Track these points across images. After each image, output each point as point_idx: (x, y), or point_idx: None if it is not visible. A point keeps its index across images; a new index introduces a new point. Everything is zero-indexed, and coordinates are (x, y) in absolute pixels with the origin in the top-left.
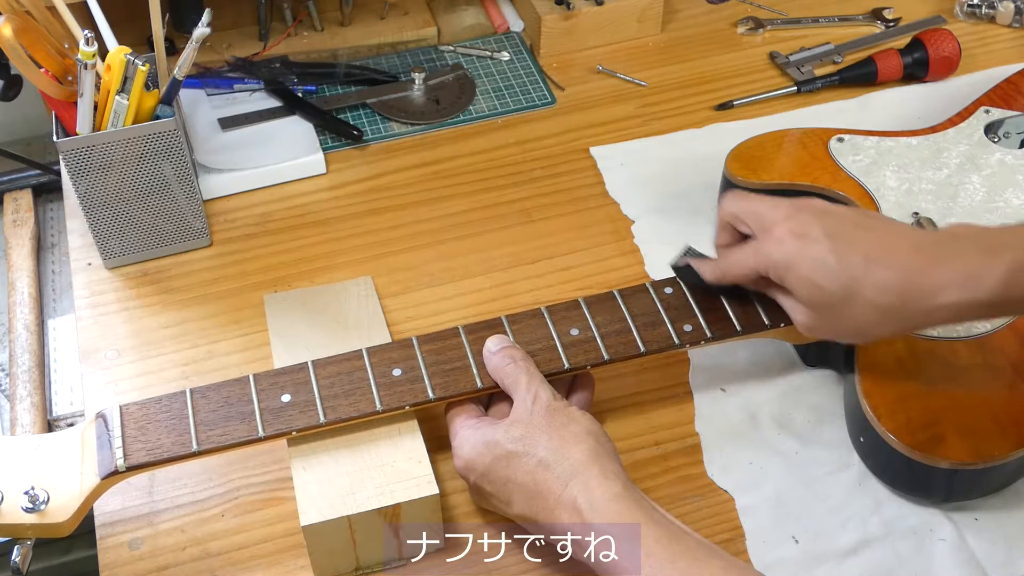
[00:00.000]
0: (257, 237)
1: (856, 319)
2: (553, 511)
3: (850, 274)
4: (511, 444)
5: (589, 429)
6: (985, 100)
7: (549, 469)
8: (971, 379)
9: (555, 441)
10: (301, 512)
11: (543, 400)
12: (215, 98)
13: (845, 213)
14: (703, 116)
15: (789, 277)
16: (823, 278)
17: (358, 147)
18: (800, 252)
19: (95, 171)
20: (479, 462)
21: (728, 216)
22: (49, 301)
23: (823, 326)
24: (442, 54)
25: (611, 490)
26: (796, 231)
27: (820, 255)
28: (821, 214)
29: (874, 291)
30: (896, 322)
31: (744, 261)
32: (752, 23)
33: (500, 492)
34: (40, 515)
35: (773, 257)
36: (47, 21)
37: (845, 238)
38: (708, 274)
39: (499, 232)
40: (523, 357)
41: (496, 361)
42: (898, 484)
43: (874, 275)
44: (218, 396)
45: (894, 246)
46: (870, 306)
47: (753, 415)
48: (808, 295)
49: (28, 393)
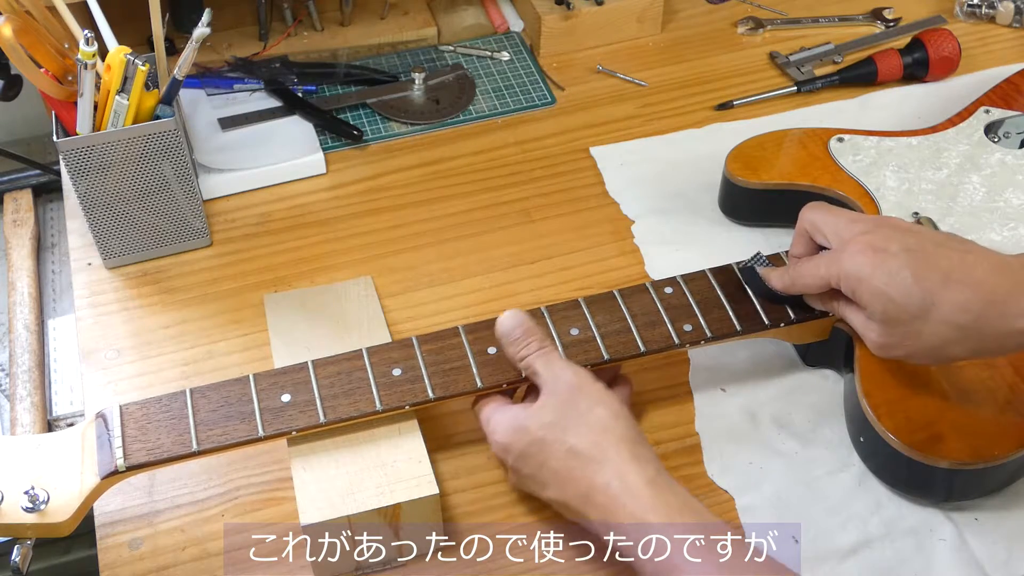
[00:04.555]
0: (257, 237)
1: (931, 337)
2: (587, 497)
3: (927, 290)
4: (541, 431)
5: (616, 412)
6: (985, 100)
7: (579, 455)
8: (971, 379)
9: (583, 427)
10: (301, 512)
11: (567, 381)
12: (215, 98)
13: (925, 232)
14: (703, 116)
15: (862, 290)
16: (898, 292)
17: (358, 147)
18: (876, 265)
19: (95, 171)
20: (514, 446)
21: (807, 225)
22: (49, 301)
23: (895, 343)
24: (442, 54)
25: (645, 475)
26: (874, 244)
27: (896, 269)
28: (902, 230)
29: (951, 309)
30: (972, 342)
31: (816, 270)
32: (752, 23)
33: (536, 475)
34: (40, 515)
35: (847, 268)
36: (47, 21)
37: (924, 254)
38: (776, 281)
39: (499, 232)
40: (541, 339)
41: (512, 352)
42: (898, 484)
43: (952, 293)
44: (218, 396)
45: (973, 265)
46: (947, 324)
47: (753, 415)
48: (882, 310)
49: (28, 393)
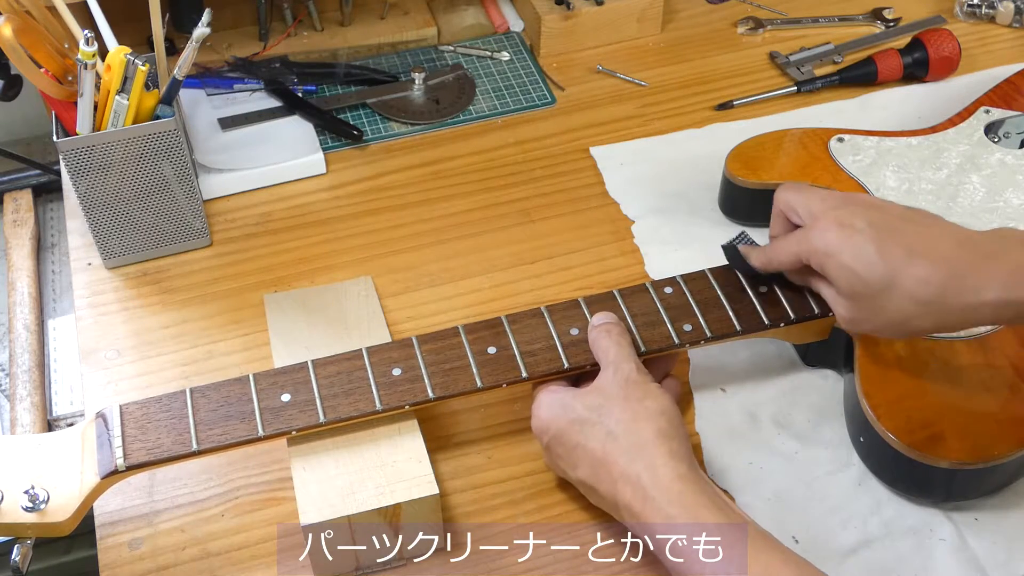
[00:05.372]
0: (257, 237)
1: (895, 312)
2: (616, 483)
3: (890, 264)
4: (585, 411)
5: (663, 409)
6: (985, 100)
7: (616, 440)
8: (971, 379)
9: (627, 414)
10: (301, 512)
11: (624, 373)
12: (215, 98)
13: (892, 207)
14: (703, 116)
15: (830, 265)
16: (863, 267)
17: (358, 147)
18: (842, 241)
19: (95, 171)
20: (554, 424)
21: (782, 205)
22: (49, 301)
23: (863, 318)
24: (442, 54)
25: (676, 470)
26: (841, 220)
27: (861, 244)
28: (868, 206)
29: (914, 283)
30: (935, 316)
31: (788, 247)
32: (752, 23)
33: (568, 455)
34: (40, 514)
35: (815, 244)
36: (47, 21)
37: (889, 229)
38: (755, 260)
39: (499, 232)
40: (620, 332)
41: (592, 335)
42: (898, 484)
43: (915, 267)
44: (218, 396)
45: (937, 240)
46: (910, 298)
47: (753, 415)
48: (848, 284)
49: (28, 393)
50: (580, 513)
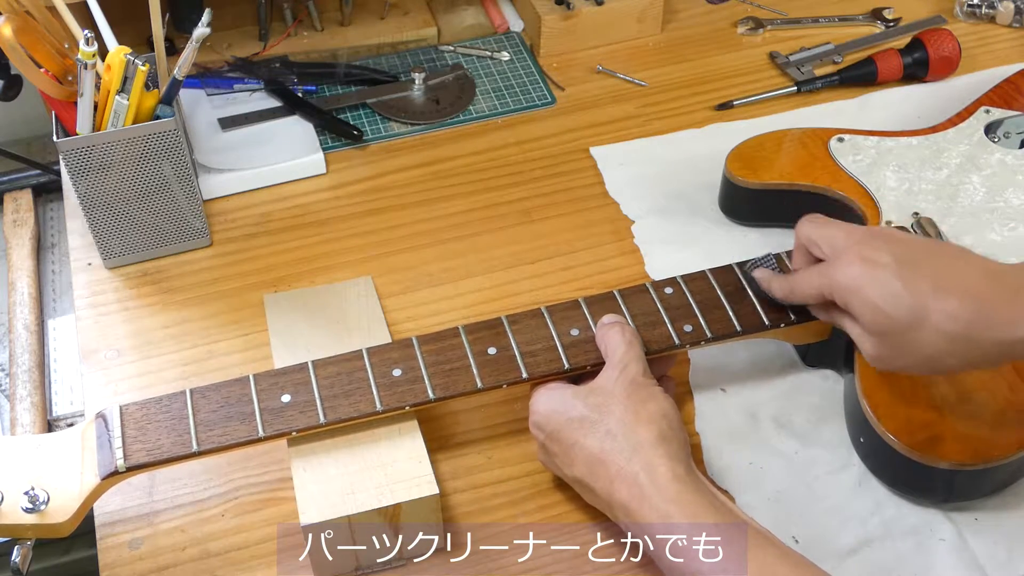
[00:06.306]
0: (257, 237)
1: (924, 348)
2: (612, 481)
3: (917, 299)
4: (586, 409)
5: (665, 411)
6: (985, 100)
7: (615, 440)
8: (971, 379)
9: (629, 415)
10: (301, 512)
11: (631, 374)
12: (215, 98)
13: (917, 241)
14: (703, 116)
15: (854, 301)
16: (888, 303)
17: (358, 147)
18: (866, 276)
19: (95, 171)
20: (552, 421)
21: (803, 239)
22: (49, 301)
23: (890, 356)
24: (442, 54)
25: (674, 471)
26: (864, 255)
27: (886, 279)
28: (892, 240)
29: (942, 318)
30: (965, 352)
31: (811, 281)
32: (752, 23)
33: (565, 453)
34: (40, 515)
35: (838, 280)
36: (47, 21)
37: (914, 263)
38: (777, 291)
39: (499, 232)
40: (632, 333)
41: (602, 331)
42: (898, 484)
43: (942, 302)
44: (218, 396)
45: (964, 273)
46: (938, 334)
47: (753, 415)
48: (873, 321)
49: (28, 393)
50: (580, 513)
